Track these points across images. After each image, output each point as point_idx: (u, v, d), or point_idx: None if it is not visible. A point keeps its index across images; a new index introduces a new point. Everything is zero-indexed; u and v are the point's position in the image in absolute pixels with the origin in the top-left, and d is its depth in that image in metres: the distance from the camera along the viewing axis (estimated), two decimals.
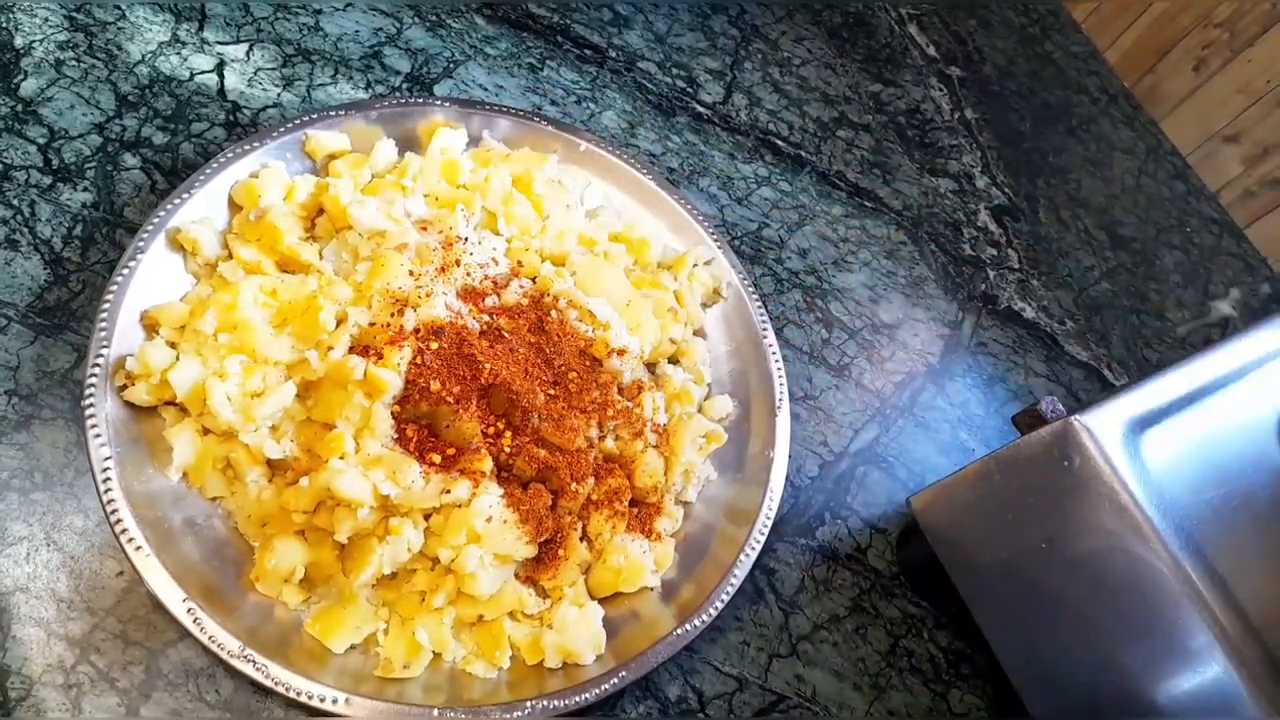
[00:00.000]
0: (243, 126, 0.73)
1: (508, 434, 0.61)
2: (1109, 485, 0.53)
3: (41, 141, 0.67)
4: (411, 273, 0.63)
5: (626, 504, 0.64)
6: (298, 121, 0.69)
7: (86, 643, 0.53)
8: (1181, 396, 0.56)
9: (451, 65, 0.84)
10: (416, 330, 0.61)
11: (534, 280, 0.69)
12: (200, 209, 0.63)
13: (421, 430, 0.60)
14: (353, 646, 0.56)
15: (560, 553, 0.61)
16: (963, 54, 1.10)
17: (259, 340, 0.59)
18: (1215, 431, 0.56)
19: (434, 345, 0.61)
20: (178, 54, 0.75)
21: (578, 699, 0.56)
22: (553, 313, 0.66)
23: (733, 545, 0.64)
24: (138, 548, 0.52)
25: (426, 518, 0.58)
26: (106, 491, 0.53)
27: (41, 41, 0.71)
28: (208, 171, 0.64)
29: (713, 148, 0.89)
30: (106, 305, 0.57)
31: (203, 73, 0.75)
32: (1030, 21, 1.19)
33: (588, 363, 0.66)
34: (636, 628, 0.61)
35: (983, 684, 0.70)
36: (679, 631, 0.59)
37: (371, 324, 0.61)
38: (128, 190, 0.67)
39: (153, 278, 0.60)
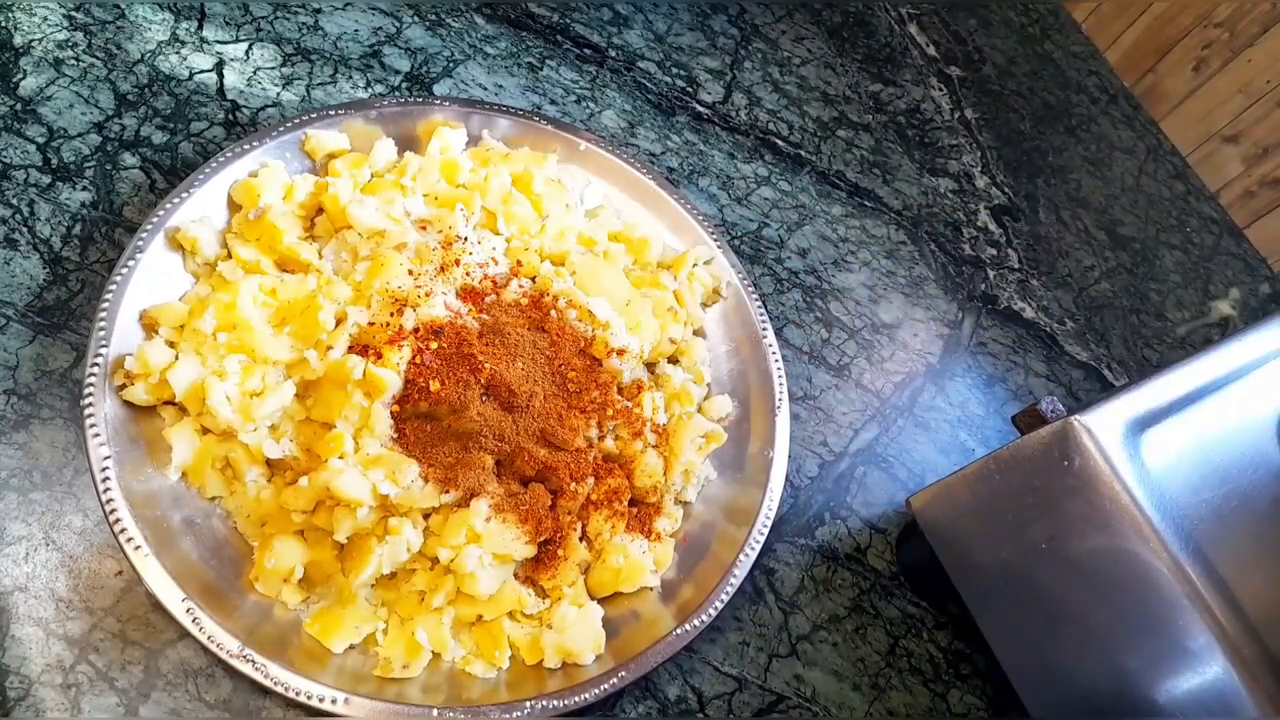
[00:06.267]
0: (242, 126, 0.73)
1: (507, 433, 0.61)
2: (1109, 485, 0.53)
3: (40, 140, 0.67)
4: (411, 272, 0.63)
5: (626, 504, 0.64)
6: (297, 121, 0.69)
7: (85, 642, 0.53)
8: (1181, 396, 0.56)
9: (451, 64, 0.84)
10: (416, 330, 0.61)
11: (534, 280, 0.69)
12: (199, 208, 0.63)
13: (421, 430, 0.60)
14: (352, 646, 0.56)
15: (560, 553, 0.61)
16: (963, 54, 1.10)
17: (258, 340, 0.59)
18: (1215, 431, 0.56)
19: (433, 345, 0.61)
20: (177, 53, 0.75)
21: (577, 699, 0.55)
22: (552, 312, 0.66)
23: (732, 545, 0.64)
24: (136, 547, 0.52)
25: (426, 517, 0.58)
26: (105, 491, 0.52)
27: (40, 40, 0.71)
28: (207, 171, 0.64)
29: (712, 147, 0.89)
30: (105, 304, 0.57)
31: (202, 72, 0.75)
32: (1030, 21, 1.19)
33: (587, 362, 0.66)
34: (636, 628, 0.61)
35: (982, 684, 0.70)
36: (678, 631, 0.59)
37: (371, 323, 0.61)
38: (127, 189, 0.67)
39: (152, 277, 0.60)
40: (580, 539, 0.62)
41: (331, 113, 0.70)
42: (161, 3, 0.77)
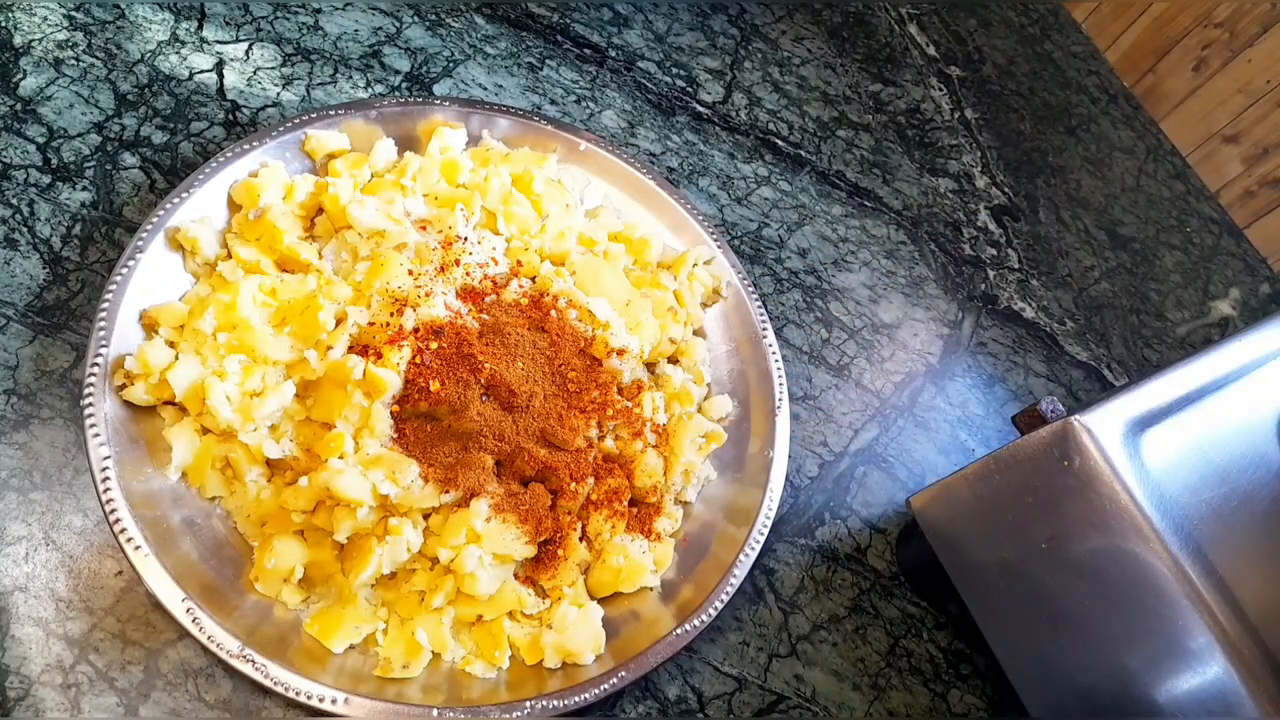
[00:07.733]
0: (242, 126, 0.73)
1: (507, 433, 0.61)
2: (1109, 485, 0.53)
3: (40, 140, 0.67)
4: (411, 272, 0.63)
5: (626, 504, 0.64)
6: (297, 121, 0.69)
7: (85, 642, 0.53)
8: (1181, 396, 0.56)
9: (451, 64, 0.84)
10: (416, 330, 0.61)
11: (534, 280, 0.69)
12: (199, 208, 0.63)
13: (421, 430, 0.60)
14: (352, 646, 0.56)
15: (560, 553, 0.61)
16: (963, 54, 1.10)
17: (258, 340, 0.59)
18: (1215, 431, 0.56)
19: (433, 345, 0.61)
20: (177, 53, 0.75)
21: (577, 699, 0.55)
22: (552, 312, 0.66)
23: (732, 545, 0.64)
24: (136, 547, 0.52)
25: (426, 517, 0.58)
26: (105, 491, 0.52)
27: (40, 40, 0.71)
28: (207, 171, 0.64)
29: (712, 147, 0.89)
30: (105, 304, 0.57)
31: (202, 72, 0.75)
32: (1030, 21, 1.19)
33: (587, 362, 0.66)
34: (636, 628, 0.61)
35: (982, 684, 0.70)
36: (678, 631, 0.59)
37: (371, 323, 0.61)
38: (127, 189, 0.67)
39: (152, 277, 0.60)
40: (580, 539, 0.62)
41: (331, 113, 0.70)
42: (161, 3, 0.77)
